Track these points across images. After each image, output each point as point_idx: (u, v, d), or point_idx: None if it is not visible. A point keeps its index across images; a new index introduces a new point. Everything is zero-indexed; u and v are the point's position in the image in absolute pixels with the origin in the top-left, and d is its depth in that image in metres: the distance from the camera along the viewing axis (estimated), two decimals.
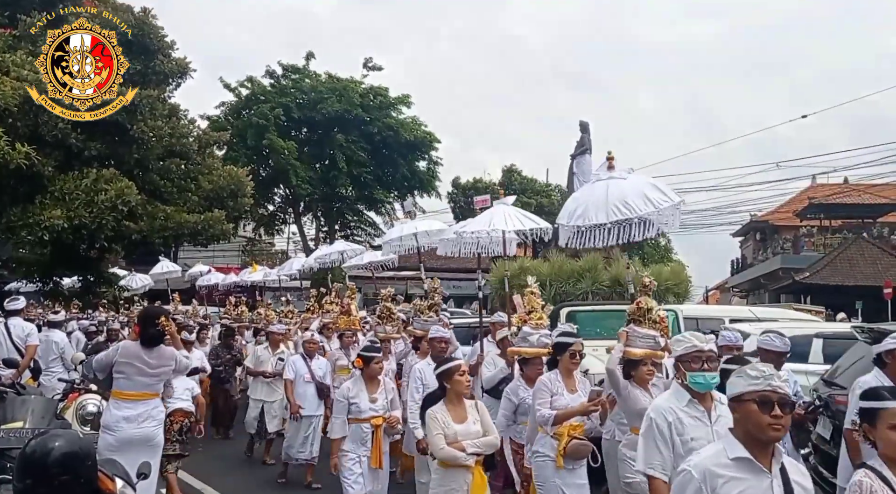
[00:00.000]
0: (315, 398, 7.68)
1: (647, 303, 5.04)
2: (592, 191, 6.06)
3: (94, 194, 11.84)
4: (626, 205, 5.68)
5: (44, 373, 8.82)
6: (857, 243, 26.48)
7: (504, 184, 37.26)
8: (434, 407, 4.41)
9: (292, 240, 33.78)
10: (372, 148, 29.65)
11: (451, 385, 4.43)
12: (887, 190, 28.44)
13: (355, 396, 5.45)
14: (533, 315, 5.92)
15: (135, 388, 5.15)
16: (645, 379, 4.59)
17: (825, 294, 23.87)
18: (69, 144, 11.99)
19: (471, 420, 4.40)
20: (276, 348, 8.94)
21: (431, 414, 4.36)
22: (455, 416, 4.37)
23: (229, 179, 14.51)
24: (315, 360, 7.89)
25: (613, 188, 5.83)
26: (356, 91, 29.30)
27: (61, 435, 2.75)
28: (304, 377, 7.70)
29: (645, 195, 5.75)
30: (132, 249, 15.40)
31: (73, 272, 15.15)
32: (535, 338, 5.56)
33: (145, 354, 5.16)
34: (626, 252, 11.77)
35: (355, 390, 5.49)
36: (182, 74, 14.53)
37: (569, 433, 4.75)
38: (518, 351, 5.71)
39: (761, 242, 35.61)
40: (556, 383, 4.91)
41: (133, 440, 5.03)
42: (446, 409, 4.39)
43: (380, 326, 7.43)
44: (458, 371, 4.44)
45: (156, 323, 5.18)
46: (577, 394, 4.94)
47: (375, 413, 5.47)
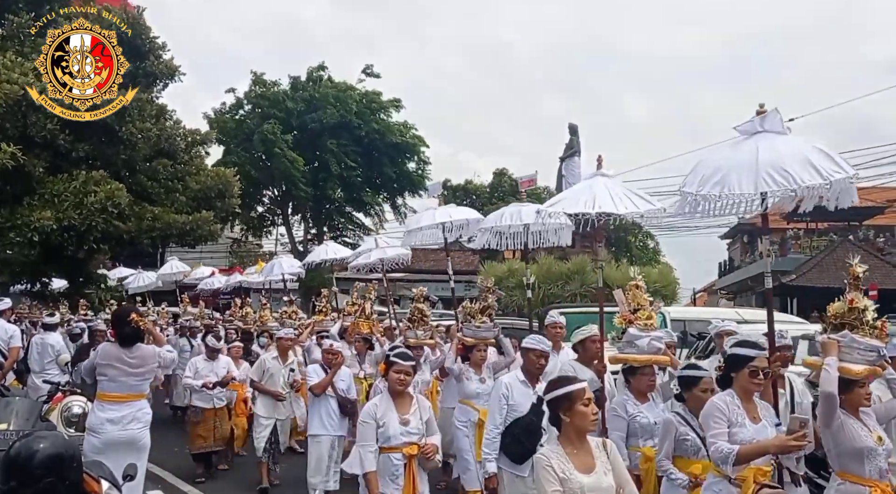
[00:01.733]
0: (337, 415, 6.44)
1: (860, 301, 3.91)
2: (735, 152, 4.41)
3: (84, 196, 11.79)
4: (782, 172, 4.15)
5: (39, 375, 8.81)
6: (843, 245, 26.70)
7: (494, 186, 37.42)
8: (547, 449, 3.12)
9: (280, 242, 33.67)
10: (361, 150, 29.69)
11: (570, 418, 3.10)
12: (873, 193, 28.69)
13: (383, 416, 4.33)
14: (641, 314, 4.87)
15: (119, 390, 5.12)
16: (862, 404, 3.72)
17: (812, 296, 24.07)
18: (57, 145, 11.92)
19: (601, 470, 3.08)
20: (285, 357, 7.70)
21: (544, 461, 3.03)
22: (579, 463, 3.05)
23: (217, 180, 14.45)
24: (339, 370, 6.78)
25: (765, 150, 4.25)
26: (353, 98, 29.42)
27: (46, 437, 2.74)
28: None
29: (809, 162, 4.22)
30: (120, 249, 15.31)
31: (60, 273, 15.05)
32: (644, 342, 4.67)
33: (125, 354, 5.13)
34: (607, 252, 11.71)
35: (382, 408, 4.36)
36: (171, 76, 14.48)
37: (755, 478, 3.55)
38: (625, 358, 4.77)
39: (748, 244, 35.87)
40: (735, 408, 3.68)
41: (118, 442, 5.00)
42: (565, 453, 3.07)
43: (410, 330, 6.58)
44: (583, 399, 3.11)
45: (128, 322, 5.13)
46: (762, 424, 3.73)
47: (409, 440, 4.31)
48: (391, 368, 4.39)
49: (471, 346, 6.17)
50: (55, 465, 2.60)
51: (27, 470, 2.57)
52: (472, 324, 6.22)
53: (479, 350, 6.14)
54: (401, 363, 4.38)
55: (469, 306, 6.56)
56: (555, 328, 6.40)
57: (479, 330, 6.17)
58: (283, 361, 7.63)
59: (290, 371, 7.58)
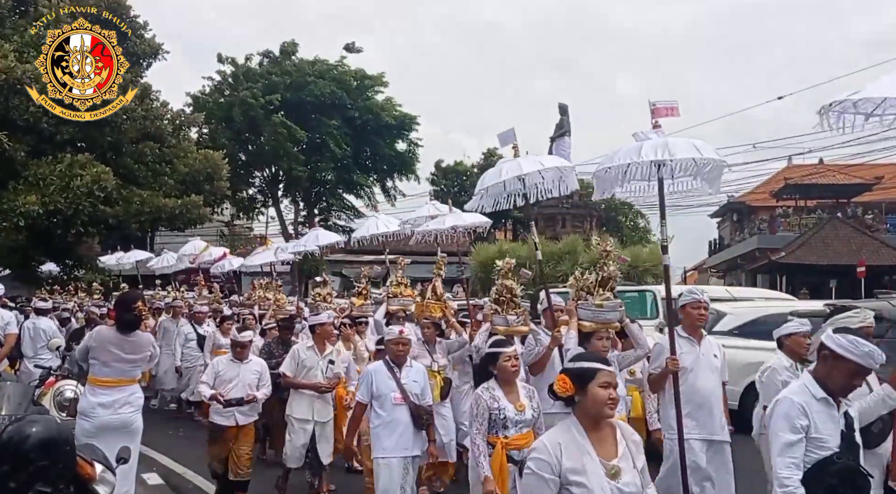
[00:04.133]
0: (411, 429, 4.85)
1: None
2: None
3: (70, 180, 11.71)
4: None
5: (31, 359, 8.77)
6: (831, 223, 26.88)
7: (483, 167, 37.39)
8: None
9: (271, 224, 33.54)
10: (351, 131, 29.47)
11: None
12: (861, 171, 28.85)
13: (497, 403, 4.05)
14: None
15: (111, 374, 5.06)
16: None
17: (800, 274, 24.30)
18: (41, 128, 11.80)
19: None
20: (323, 347, 6.32)
21: None
22: None
23: (205, 163, 14.38)
24: (406, 368, 5.01)
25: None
26: (340, 73, 29.05)
27: (38, 421, 2.73)
28: (391, 396, 4.85)
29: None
30: (108, 233, 15.23)
31: (50, 257, 14.97)
32: None
33: (121, 340, 5.05)
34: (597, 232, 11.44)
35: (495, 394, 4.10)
36: (154, 55, 14.33)
37: None
38: None
39: (738, 222, 36.05)
40: None
41: (110, 426, 4.95)
42: None
43: (498, 315, 5.23)
44: None
45: (132, 308, 5.06)
46: None
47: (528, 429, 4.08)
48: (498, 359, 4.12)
49: (588, 333, 4.72)
50: (48, 449, 2.59)
51: (20, 454, 2.55)
52: (590, 302, 4.77)
53: (599, 339, 4.68)
54: (505, 350, 4.17)
55: (581, 277, 5.01)
56: (698, 308, 4.96)
57: (602, 311, 4.71)
58: (320, 351, 6.25)
59: (328, 364, 6.21)
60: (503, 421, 3.98)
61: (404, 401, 4.83)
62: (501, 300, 5.30)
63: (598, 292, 4.80)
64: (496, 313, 5.29)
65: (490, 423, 3.99)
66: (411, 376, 4.96)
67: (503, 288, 5.29)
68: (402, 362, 4.98)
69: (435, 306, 6.73)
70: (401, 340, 5.00)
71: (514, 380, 4.14)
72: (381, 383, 4.85)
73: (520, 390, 4.16)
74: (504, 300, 5.28)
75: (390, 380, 4.87)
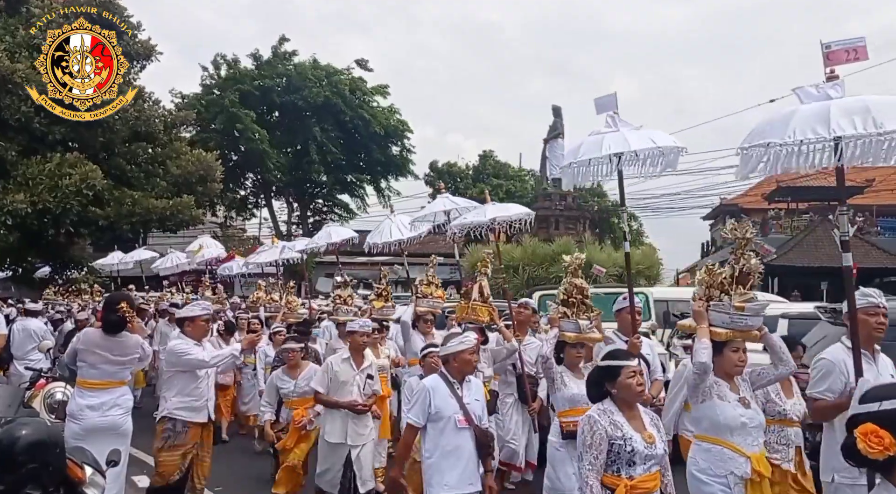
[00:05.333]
0: (475, 458, 3.99)
1: None
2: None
3: (59, 179, 11.64)
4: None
5: (21, 361, 8.71)
6: (822, 225, 27.03)
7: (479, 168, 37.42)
8: None
9: (265, 225, 33.49)
10: (345, 134, 29.49)
11: None
12: (853, 173, 28.99)
13: (620, 431, 3.16)
14: None
15: (99, 376, 5.03)
16: None
17: (792, 276, 24.40)
18: (32, 128, 11.74)
19: None
20: (360, 359, 5.55)
21: None
22: None
23: (198, 164, 14.32)
24: (466, 383, 4.08)
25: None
26: (341, 82, 29.13)
27: (28, 424, 2.71)
28: (454, 419, 3.94)
29: None
30: (100, 235, 15.16)
31: (41, 258, 14.89)
32: None
33: (107, 341, 5.02)
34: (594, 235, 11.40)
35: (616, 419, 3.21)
36: (147, 56, 14.28)
37: None
38: None
39: None
40: None
41: (98, 428, 4.92)
42: None
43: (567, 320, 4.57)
44: None
45: (116, 309, 5.01)
46: None
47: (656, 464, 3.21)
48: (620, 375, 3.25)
49: (721, 342, 3.74)
50: (38, 451, 2.57)
51: (9, 457, 2.53)
52: (726, 304, 3.73)
53: (735, 350, 3.76)
54: (628, 364, 3.31)
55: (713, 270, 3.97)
56: (876, 314, 3.93)
57: (743, 316, 3.71)
58: (357, 364, 5.49)
59: (367, 379, 5.47)
60: (629, 456, 3.10)
61: (468, 424, 3.94)
62: (571, 302, 4.60)
63: (737, 290, 3.73)
64: (564, 316, 4.59)
65: (610, 458, 3.11)
66: (472, 393, 4.04)
67: (573, 288, 4.63)
68: (467, 376, 4.10)
69: (482, 308, 5.91)
70: (473, 349, 4.10)
71: (636, 402, 3.30)
72: (441, 402, 3.91)
73: (643, 415, 3.30)
74: (574, 302, 4.58)
75: (451, 399, 3.94)
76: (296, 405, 5.86)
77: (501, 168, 37.26)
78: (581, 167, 4.77)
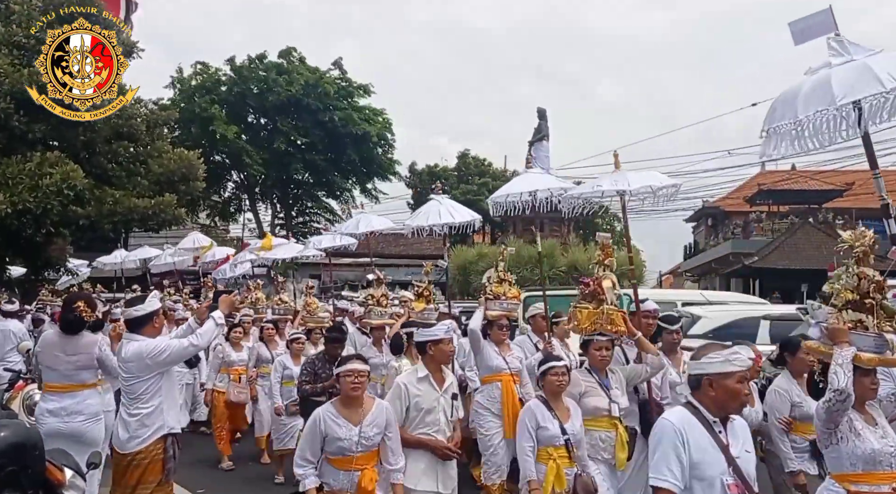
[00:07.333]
0: None
1: None
2: None
3: (39, 178, 11.45)
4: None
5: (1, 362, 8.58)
6: (803, 227, 27.35)
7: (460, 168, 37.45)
8: None
9: (248, 227, 33.26)
10: (326, 135, 29.41)
11: None
12: (833, 177, 29.38)
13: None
14: None
15: (57, 379, 4.86)
16: None
17: (773, 278, 24.67)
18: (12, 126, 11.56)
19: None
20: (440, 377, 4.30)
21: None
22: None
23: (180, 163, 14.15)
24: (730, 423, 2.81)
25: None
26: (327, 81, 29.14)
27: (7, 425, 2.67)
28: (723, 483, 2.66)
29: None
30: (80, 234, 14.97)
31: (18, 258, 14.68)
32: None
33: (64, 340, 4.85)
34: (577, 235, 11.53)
35: None
36: (128, 54, 14.11)
37: None
38: None
39: (713, 227, 36.54)
40: None
41: (60, 434, 4.68)
42: None
43: None
44: None
45: (73, 308, 4.84)
46: None
47: None
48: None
49: (863, 368, 3.11)
50: (16, 454, 2.54)
51: None
52: (870, 325, 3.11)
53: (871, 381, 3.16)
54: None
55: (869, 275, 3.17)
56: None
57: (883, 342, 3.10)
58: (438, 384, 4.19)
59: (452, 400, 4.22)
60: None
61: None
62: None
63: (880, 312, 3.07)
64: None
65: None
66: (739, 439, 2.76)
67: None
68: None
69: (617, 315, 4.49)
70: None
71: None
72: (700, 454, 2.64)
73: None
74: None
75: (714, 449, 2.68)
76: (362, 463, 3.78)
77: (483, 166, 37.30)
78: None
